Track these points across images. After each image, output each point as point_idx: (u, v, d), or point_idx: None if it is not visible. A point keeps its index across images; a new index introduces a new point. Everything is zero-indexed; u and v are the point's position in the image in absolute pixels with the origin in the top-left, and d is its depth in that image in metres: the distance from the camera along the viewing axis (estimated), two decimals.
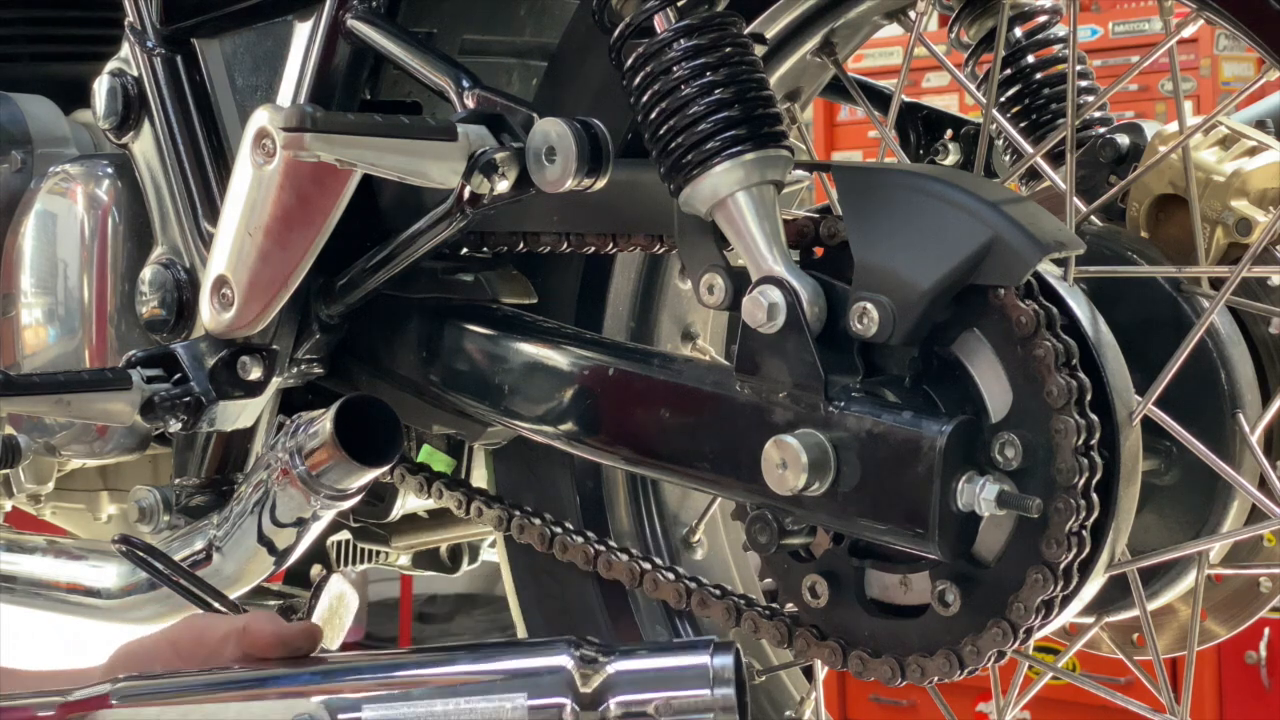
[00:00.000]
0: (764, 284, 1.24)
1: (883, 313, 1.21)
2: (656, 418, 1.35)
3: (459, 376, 1.51)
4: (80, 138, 1.82)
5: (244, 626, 1.18)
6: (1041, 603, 1.20)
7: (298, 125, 1.35)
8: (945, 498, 1.18)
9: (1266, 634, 4.10)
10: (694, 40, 1.26)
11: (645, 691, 1.07)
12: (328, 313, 1.55)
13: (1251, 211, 1.39)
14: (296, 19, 1.55)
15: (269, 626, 1.17)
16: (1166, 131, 1.45)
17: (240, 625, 1.17)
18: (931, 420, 1.19)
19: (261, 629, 1.17)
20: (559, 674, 1.07)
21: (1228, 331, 1.37)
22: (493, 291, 1.52)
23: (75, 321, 1.68)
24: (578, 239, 1.45)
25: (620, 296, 1.56)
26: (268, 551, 1.64)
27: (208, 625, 1.21)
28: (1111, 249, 1.40)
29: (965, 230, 1.19)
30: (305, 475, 1.40)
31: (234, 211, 1.49)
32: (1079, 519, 1.18)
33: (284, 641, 1.16)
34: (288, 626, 1.18)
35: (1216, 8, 1.20)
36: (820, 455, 1.22)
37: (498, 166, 1.34)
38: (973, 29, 1.61)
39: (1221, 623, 1.49)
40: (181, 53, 1.64)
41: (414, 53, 1.46)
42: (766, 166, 1.25)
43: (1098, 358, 1.21)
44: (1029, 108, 1.61)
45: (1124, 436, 1.20)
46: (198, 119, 1.63)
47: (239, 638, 1.17)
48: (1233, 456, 1.34)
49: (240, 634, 1.17)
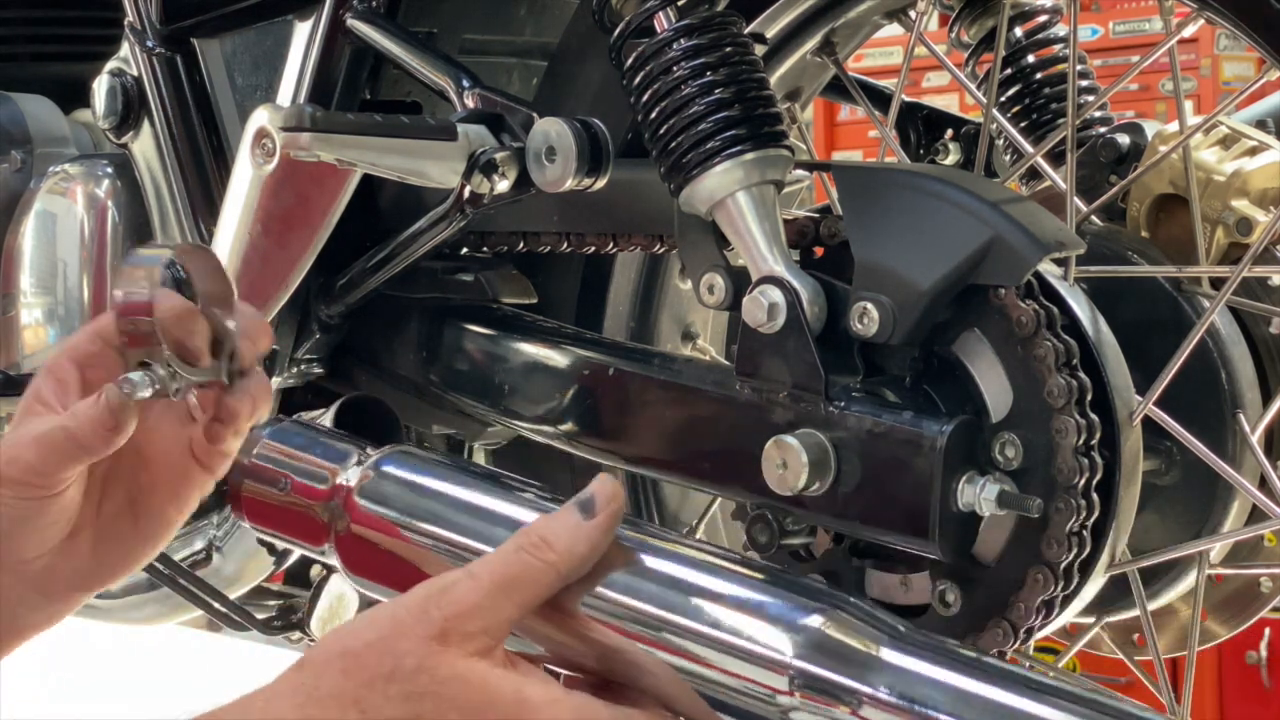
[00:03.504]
0: (764, 284, 1.24)
1: (883, 313, 1.21)
2: (656, 418, 1.35)
3: (459, 376, 1.51)
4: (80, 138, 1.82)
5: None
6: (1042, 603, 1.20)
7: (297, 125, 1.35)
8: (946, 498, 1.18)
9: (1267, 634, 4.10)
10: (694, 40, 1.26)
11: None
12: (328, 313, 1.55)
13: (1252, 211, 1.39)
14: (296, 19, 1.55)
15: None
16: (1167, 131, 1.45)
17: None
18: (932, 420, 1.19)
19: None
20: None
21: (1228, 331, 1.37)
22: (493, 291, 1.52)
23: (75, 321, 1.68)
24: (578, 239, 1.45)
25: (620, 296, 1.56)
26: (268, 551, 1.64)
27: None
28: (1112, 249, 1.40)
29: (965, 230, 1.19)
30: None
31: (233, 211, 1.49)
32: (1079, 519, 1.18)
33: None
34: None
35: (1217, 8, 1.20)
36: (820, 455, 1.22)
37: (498, 166, 1.34)
38: (973, 29, 1.61)
39: (1221, 623, 1.49)
40: (181, 52, 1.64)
41: (414, 52, 1.46)
42: (767, 166, 1.25)
43: (1098, 358, 1.21)
44: (1029, 107, 1.61)
45: (1124, 436, 1.20)
46: (197, 119, 1.63)
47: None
48: (1233, 456, 1.34)
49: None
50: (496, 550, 1.04)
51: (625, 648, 1.04)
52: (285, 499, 1.17)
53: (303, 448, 1.18)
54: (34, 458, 1.17)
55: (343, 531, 1.14)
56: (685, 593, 1.04)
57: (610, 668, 1.06)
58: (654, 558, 1.06)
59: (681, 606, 1.04)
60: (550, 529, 1.04)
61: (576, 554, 1.04)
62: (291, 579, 1.80)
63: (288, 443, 1.18)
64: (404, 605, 1.01)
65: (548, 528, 1.04)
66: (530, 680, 1.00)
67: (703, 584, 1.05)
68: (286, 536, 1.17)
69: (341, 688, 0.99)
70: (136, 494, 1.25)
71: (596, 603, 1.05)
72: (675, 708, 1.03)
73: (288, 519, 1.16)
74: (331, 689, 0.99)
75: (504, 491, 1.13)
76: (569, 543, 1.04)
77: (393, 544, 1.13)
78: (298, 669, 1.01)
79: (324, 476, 1.15)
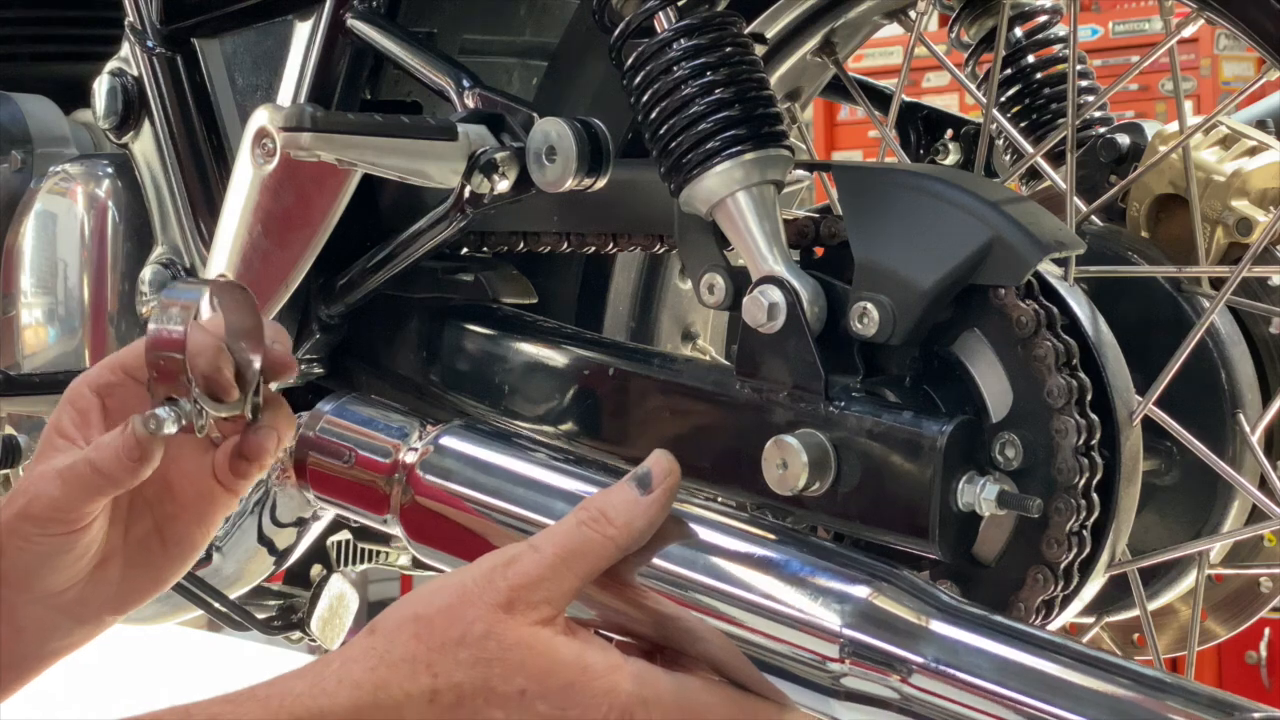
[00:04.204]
0: (764, 284, 1.24)
1: (883, 313, 1.21)
2: (656, 418, 1.35)
3: (459, 376, 1.51)
4: (80, 138, 1.82)
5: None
6: (1042, 602, 1.20)
7: (297, 125, 1.35)
8: (945, 497, 1.18)
9: (1266, 634, 4.11)
10: (694, 40, 1.26)
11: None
12: (328, 313, 1.56)
13: (1252, 211, 1.39)
14: (297, 19, 1.55)
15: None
16: (1167, 131, 1.45)
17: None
18: (932, 420, 1.19)
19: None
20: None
21: (1228, 331, 1.37)
22: (493, 291, 1.52)
23: (75, 321, 1.68)
24: (578, 239, 1.45)
25: (620, 296, 1.56)
26: (268, 551, 1.64)
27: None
28: (1112, 249, 1.40)
29: (965, 230, 1.19)
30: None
31: (234, 211, 1.49)
32: (1079, 519, 1.18)
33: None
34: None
35: (1217, 8, 1.20)
36: (820, 455, 1.22)
37: (498, 166, 1.34)
38: (973, 29, 1.61)
39: (1221, 623, 1.49)
40: (181, 52, 1.64)
41: (414, 52, 1.46)
42: (767, 166, 1.25)
43: (1098, 358, 1.21)
44: (1029, 107, 1.61)
45: (1124, 436, 1.20)
46: (198, 119, 1.63)
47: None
48: (1233, 456, 1.34)
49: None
50: (558, 523, 1.08)
51: (680, 615, 1.08)
52: (350, 471, 1.22)
53: (364, 423, 1.24)
54: (59, 493, 1.19)
55: (406, 503, 1.19)
56: (738, 563, 1.08)
57: (664, 635, 1.09)
58: (708, 530, 1.10)
59: (735, 577, 1.07)
60: (610, 503, 1.08)
61: (635, 528, 1.08)
62: (291, 579, 1.80)
63: (350, 418, 1.23)
64: (471, 575, 1.05)
65: (607, 502, 1.08)
66: (591, 647, 1.04)
67: (756, 554, 1.08)
68: (350, 506, 1.23)
69: (414, 651, 1.03)
70: (163, 519, 1.27)
71: (652, 572, 1.09)
72: (727, 673, 1.07)
73: (352, 490, 1.22)
74: (404, 653, 1.03)
75: (561, 465, 1.17)
76: (628, 517, 1.08)
77: (455, 515, 1.18)
78: (369, 633, 1.05)
79: (388, 451, 1.21)
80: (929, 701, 0.99)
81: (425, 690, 1.02)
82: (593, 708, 1.02)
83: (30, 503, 1.20)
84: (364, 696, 1.01)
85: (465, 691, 1.02)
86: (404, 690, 1.02)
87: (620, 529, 1.07)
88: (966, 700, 0.97)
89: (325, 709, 1.01)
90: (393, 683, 1.02)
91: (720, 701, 1.05)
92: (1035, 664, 0.97)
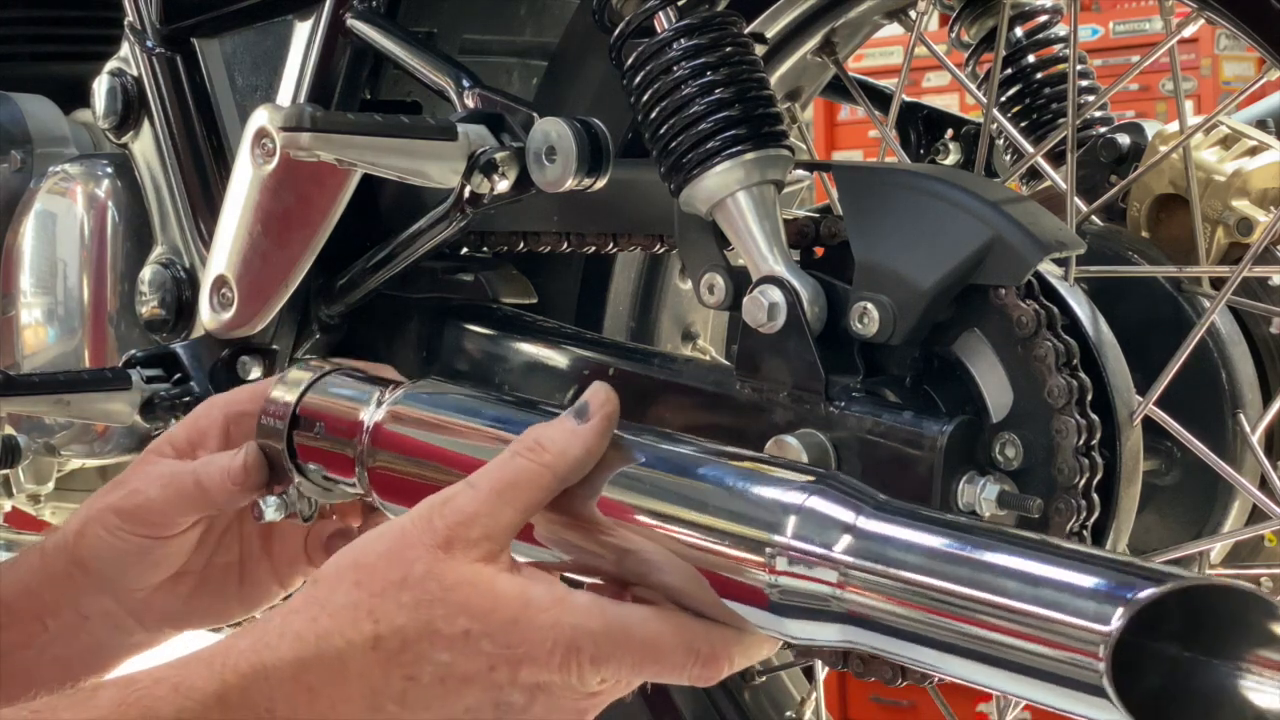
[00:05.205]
0: (764, 284, 1.24)
1: (883, 313, 1.21)
2: (656, 418, 1.35)
3: (459, 376, 1.51)
4: (80, 138, 1.82)
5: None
6: None
7: (297, 125, 1.35)
8: (946, 497, 1.18)
9: None
10: (694, 40, 1.26)
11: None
12: (328, 313, 1.56)
13: (1252, 211, 1.39)
14: (296, 18, 1.55)
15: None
16: (1167, 131, 1.45)
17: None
18: (932, 420, 1.19)
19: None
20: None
21: (1228, 331, 1.37)
22: (493, 291, 1.52)
23: (75, 321, 1.68)
24: (578, 239, 1.45)
25: (620, 296, 1.56)
26: None
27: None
28: (1112, 249, 1.40)
29: (966, 230, 1.19)
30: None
31: (233, 211, 1.49)
32: (1079, 519, 1.18)
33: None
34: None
35: (1217, 7, 1.20)
36: (821, 455, 1.22)
37: (498, 166, 1.34)
38: (973, 28, 1.61)
39: None
40: (181, 52, 1.64)
41: (414, 52, 1.46)
42: (767, 166, 1.25)
43: (1098, 358, 1.21)
44: (1029, 107, 1.61)
45: (1125, 437, 1.20)
46: (197, 119, 1.63)
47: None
48: (1233, 457, 1.34)
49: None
50: (494, 459, 1.06)
51: (634, 545, 1.06)
52: (321, 440, 1.22)
53: (334, 392, 1.24)
54: (157, 495, 1.21)
55: (371, 464, 1.19)
56: (680, 488, 1.06)
57: (625, 568, 1.08)
58: (651, 456, 1.08)
59: (677, 498, 1.06)
60: (544, 433, 1.06)
61: (571, 455, 1.06)
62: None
63: (324, 391, 1.24)
64: (409, 518, 1.04)
65: (542, 433, 1.07)
66: (535, 582, 1.03)
67: (698, 475, 1.07)
68: (330, 474, 1.23)
69: (355, 598, 1.01)
70: (248, 558, 1.29)
71: (598, 503, 1.07)
72: (687, 603, 1.05)
73: (327, 459, 1.22)
74: (345, 600, 1.01)
75: (513, 411, 1.17)
76: (563, 445, 1.06)
77: (414, 470, 1.18)
78: (311, 584, 1.04)
79: (351, 416, 1.21)
80: (865, 603, 0.97)
81: (368, 637, 1.00)
82: (537, 643, 1.00)
83: (127, 496, 1.21)
84: (307, 648, 1.00)
85: (409, 635, 1.00)
86: (346, 638, 1.00)
87: (555, 455, 1.05)
88: (902, 595, 0.96)
89: (268, 663, 0.99)
90: (335, 632, 1.00)
91: (672, 629, 1.03)
92: (965, 552, 0.96)
